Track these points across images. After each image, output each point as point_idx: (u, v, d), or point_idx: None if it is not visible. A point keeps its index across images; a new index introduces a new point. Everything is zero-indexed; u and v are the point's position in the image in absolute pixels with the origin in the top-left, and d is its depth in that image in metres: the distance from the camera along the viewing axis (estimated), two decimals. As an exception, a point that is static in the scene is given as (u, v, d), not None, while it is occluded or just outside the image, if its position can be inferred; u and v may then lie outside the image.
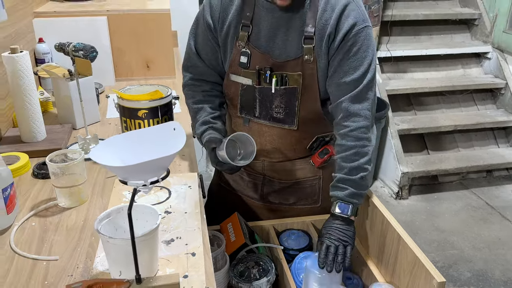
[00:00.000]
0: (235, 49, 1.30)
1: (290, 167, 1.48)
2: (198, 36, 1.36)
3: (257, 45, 1.28)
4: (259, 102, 1.34)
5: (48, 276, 0.91)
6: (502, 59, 3.58)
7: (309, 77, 1.27)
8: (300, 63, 1.26)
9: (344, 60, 1.23)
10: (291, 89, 1.29)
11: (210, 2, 1.31)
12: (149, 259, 0.88)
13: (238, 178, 1.56)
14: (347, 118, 1.25)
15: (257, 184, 1.53)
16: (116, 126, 1.62)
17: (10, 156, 1.30)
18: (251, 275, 1.25)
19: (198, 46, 1.37)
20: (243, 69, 1.31)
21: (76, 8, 2.05)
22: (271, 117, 1.36)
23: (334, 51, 1.23)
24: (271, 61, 1.28)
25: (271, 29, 1.26)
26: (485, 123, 3.42)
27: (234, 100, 1.39)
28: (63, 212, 1.12)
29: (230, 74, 1.35)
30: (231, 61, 1.32)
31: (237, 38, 1.29)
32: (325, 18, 1.21)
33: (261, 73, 1.29)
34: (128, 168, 0.75)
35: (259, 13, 1.26)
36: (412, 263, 1.10)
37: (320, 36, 1.22)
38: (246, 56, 1.28)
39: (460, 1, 3.91)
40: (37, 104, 1.41)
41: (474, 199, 3.20)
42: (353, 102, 1.24)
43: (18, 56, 1.31)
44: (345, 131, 1.25)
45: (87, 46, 1.51)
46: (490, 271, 2.51)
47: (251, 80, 1.32)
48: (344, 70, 1.23)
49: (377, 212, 1.27)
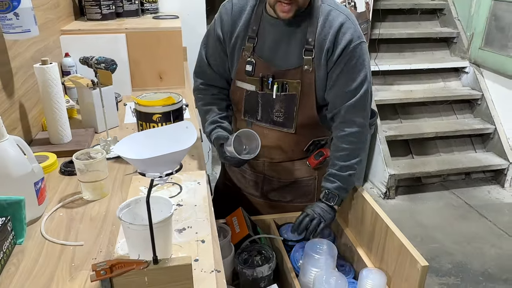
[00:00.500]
0: (241, 58, 1.33)
1: (288, 167, 1.49)
2: (209, 46, 1.39)
3: (261, 55, 1.31)
4: (261, 106, 1.36)
5: (75, 259, 0.92)
6: (478, 73, 3.60)
7: (307, 86, 1.29)
8: (300, 72, 1.28)
9: (342, 73, 1.25)
10: (290, 95, 1.31)
11: (221, 17, 1.34)
12: (164, 243, 0.89)
13: (241, 177, 1.57)
14: (344, 124, 1.29)
15: (258, 182, 1.54)
16: (133, 130, 1.63)
17: (40, 155, 1.31)
18: (254, 262, 1.27)
19: (208, 55, 1.39)
20: (248, 77, 1.33)
21: (98, 27, 2.07)
22: (271, 121, 1.38)
23: (333, 64, 1.25)
24: (273, 70, 1.30)
25: (275, 41, 1.29)
26: (464, 130, 3.43)
27: (239, 104, 1.41)
28: (87, 204, 1.13)
29: (236, 81, 1.37)
30: (238, 69, 1.35)
31: (244, 49, 1.32)
32: (324, 33, 1.23)
33: (264, 80, 1.31)
34: (146, 161, 0.77)
35: (264, 27, 1.29)
36: (398, 250, 1.11)
37: (319, 49, 1.24)
38: (251, 65, 1.31)
39: (440, 22, 3.94)
40: (64, 110, 1.43)
41: (454, 198, 3.20)
42: (349, 111, 1.27)
43: (48, 67, 1.33)
44: (341, 134, 1.30)
45: (108, 59, 1.53)
46: (469, 263, 2.51)
47: (254, 86, 1.34)
48: (342, 82, 1.26)
49: (367, 206, 1.28)
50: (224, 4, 1.36)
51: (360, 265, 1.31)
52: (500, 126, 3.44)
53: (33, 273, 0.88)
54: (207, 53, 1.40)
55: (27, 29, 1.24)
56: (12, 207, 0.96)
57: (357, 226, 1.37)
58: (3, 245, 0.90)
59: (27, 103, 1.48)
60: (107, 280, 0.76)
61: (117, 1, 2.28)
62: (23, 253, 0.94)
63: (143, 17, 2.44)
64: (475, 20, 3.58)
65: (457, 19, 3.78)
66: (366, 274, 1.18)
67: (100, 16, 2.19)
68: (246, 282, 1.25)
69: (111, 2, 2.23)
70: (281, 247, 1.37)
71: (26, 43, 1.51)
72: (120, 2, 2.30)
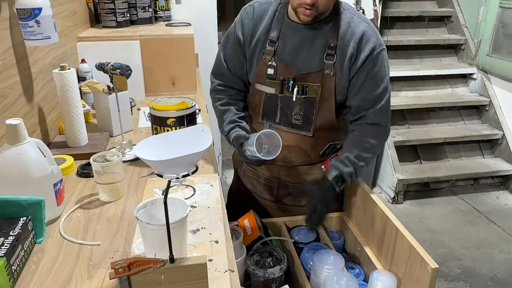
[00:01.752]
0: (262, 61, 1.33)
1: (303, 172, 1.49)
2: (227, 49, 1.40)
3: (281, 59, 1.31)
4: (280, 109, 1.36)
5: (93, 258, 0.94)
6: (486, 79, 3.58)
7: (328, 89, 1.30)
8: (321, 76, 1.29)
9: (367, 80, 1.28)
10: (310, 98, 1.32)
11: (242, 20, 1.35)
12: (180, 243, 0.90)
13: (256, 182, 1.57)
14: (369, 125, 1.32)
15: (273, 187, 1.54)
16: (147, 134, 1.65)
17: (58, 158, 1.34)
18: (266, 263, 1.27)
19: (227, 57, 1.41)
20: (268, 79, 1.34)
21: (114, 34, 2.11)
22: (290, 123, 1.37)
23: (356, 70, 1.27)
24: (294, 73, 1.30)
25: (296, 45, 1.30)
26: (472, 136, 3.41)
27: (258, 107, 1.41)
28: (104, 205, 1.15)
29: (256, 84, 1.37)
30: (257, 72, 1.35)
31: (264, 53, 1.32)
32: (346, 39, 1.26)
33: (284, 83, 1.32)
34: (164, 162, 0.79)
35: (286, 31, 1.30)
36: (408, 252, 1.10)
37: (342, 54, 1.27)
38: (273, 68, 1.31)
39: (448, 29, 3.93)
40: (81, 114, 1.46)
41: (463, 204, 3.18)
42: (375, 115, 1.31)
43: (66, 72, 1.36)
44: (365, 130, 1.33)
45: (123, 65, 1.56)
46: (477, 268, 2.49)
47: (274, 89, 1.34)
48: (367, 89, 1.28)
49: (377, 209, 1.28)
50: (245, 8, 1.37)
51: (370, 267, 1.30)
52: (508, 132, 3.41)
53: (53, 271, 0.90)
54: (225, 55, 1.41)
55: (48, 36, 1.27)
56: (32, 207, 0.98)
57: (367, 229, 1.37)
58: (24, 243, 0.92)
59: (46, 107, 1.51)
60: (125, 278, 0.78)
61: (131, 9, 2.32)
62: (43, 252, 0.96)
63: (157, 24, 2.47)
64: (482, 27, 3.57)
65: (465, 26, 3.77)
66: (376, 276, 1.18)
67: (115, 24, 2.23)
68: (258, 283, 1.25)
69: (126, 10, 2.26)
70: (292, 249, 1.37)
71: (45, 49, 1.54)
72: (134, 10, 2.34)
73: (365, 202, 1.37)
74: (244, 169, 1.60)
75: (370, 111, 1.31)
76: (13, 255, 0.86)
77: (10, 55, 1.24)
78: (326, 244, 1.41)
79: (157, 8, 2.54)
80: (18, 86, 1.29)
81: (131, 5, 2.31)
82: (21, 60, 1.32)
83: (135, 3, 2.32)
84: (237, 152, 1.60)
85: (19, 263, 0.88)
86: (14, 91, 1.26)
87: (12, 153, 0.98)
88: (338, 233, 1.51)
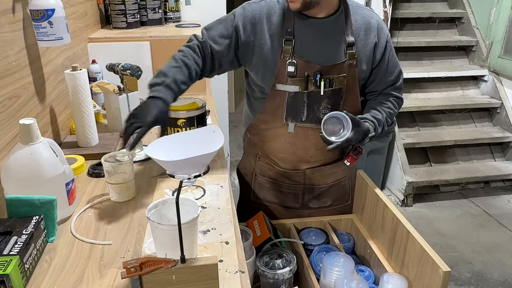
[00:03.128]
0: (281, 61, 1.30)
1: (326, 172, 1.50)
2: (214, 31, 1.33)
3: (301, 55, 1.30)
4: (306, 106, 1.34)
5: (104, 257, 0.94)
6: (497, 81, 3.55)
7: (352, 79, 1.33)
8: (345, 67, 1.31)
9: (389, 64, 1.38)
10: (337, 90, 1.33)
11: (244, 13, 1.31)
12: (190, 244, 0.90)
13: (277, 192, 1.54)
14: (389, 95, 1.43)
15: (298, 193, 1.53)
16: (156, 134, 1.66)
17: (69, 158, 1.35)
18: (275, 265, 1.27)
19: (210, 38, 1.32)
20: (290, 78, 1.31)
21: (124, 35, 2.12)
22: (317, 119, 1.35)
23: (381, 56, 1.35)
24: (317, 67, 1.30)
25: (313, 39, 1.30)
26: (483, 138, 3.38)
27: (279, 108, 1.36)
28: (115, 205, 1.16)
29: (277, 84, 1.33)
30: (277, 73, 1.32)
31: (282, 52, 1.30)
32: (364, 29, 1.32)
33: (309, 79, 1.31)
34: (176, 163, 0.79)
35: (299, 27, 1.30)
36: (419, 255, 1.10)
37: (363, 44, 1.32)
38: (293, 66, 1.30)
39: (459, 30, 3.90)
40: (92, 114, 1.47)
41: (473, 207, 3.15)
42: (394, 90, 1.43)
43: (78, 73, 1.37)
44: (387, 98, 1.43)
45: (133, 66, 1.57)
46: (488, 273, 2.46)
47: (298, 86, 1.32)
48: (390, 71, 1.39)
49: (387, 211, 1.28)
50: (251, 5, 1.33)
51: (380, 270, 1.30)
52: (520, 135, 3.38)
53: (65, 270, 0.91)
54: (209, 35, 1.32)
55: (60, 36, 1.28)
56: (44, 206, 0.99)
57: (377, 231, 1.36)
58: (37, 242, 0.93)
59: (57, 107, 1.52)
60: (136, 278, 0.78)
61: (141, 10, 2.34)
62: (54, 251, 0.97)
63: (166, 25, 2.49)
64: (494, 28, 3.54)
65: (476, 28, 3.74)
66: (387, 279, 1.17)
67: (125, 25, 2.25)
68: (267, 285, 1.25)
69: (136, 11, 2.28)
70: (301, 251, 1.37)
71: (57, 50, 1.56)
72: (144, 11, 2.36)
73: (375, 204, 1.36)
74: (260, 182, 1.56)
75: (389, 88, 1.42)
76: (26, 253, 0.87)
77: (24, 56, 1.26)
78: (336, 246, 1.41)
79: (167, 9, 2.55)
80: (31, 87, 1.30)
81: (141, 6, 2.33)
82: (34, 61, 1.33)
83: (145, 4, 2.34)
84: (243, 165, 1.59)
85: (32, 261, 0.89)
86: (27, 91, 1.27)
87: (25, 153, 0.99)
88: (348, 235, 1.51)
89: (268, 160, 1.51)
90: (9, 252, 0.84)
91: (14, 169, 0.99)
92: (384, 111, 1.39)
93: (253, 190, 1.58)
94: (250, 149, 1.56)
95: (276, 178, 1.52)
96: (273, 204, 1.56)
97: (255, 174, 1.56)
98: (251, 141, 1.53)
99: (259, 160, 1.53)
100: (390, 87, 1.42)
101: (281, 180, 1.51)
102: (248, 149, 1.57)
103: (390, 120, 1.41)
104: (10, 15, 1.19)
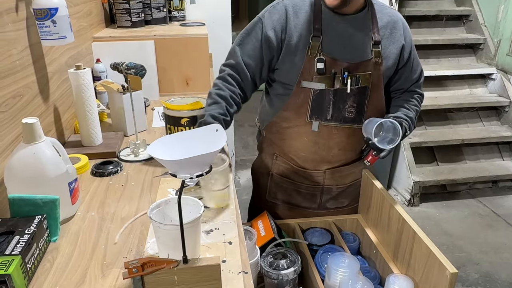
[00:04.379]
0: (307, 57, 1.28)
1: (345, 172, 1.48)
2: (247, 46, 1.31)
3: (329, 52, 1.29)
4: (332, 104, 1.32)
5: (106, 257, 0.94)
6: (505, 79, 3.51)
7: (377, 77, 1.32)
8: (371, 65, 1.31)
9: (414, 63, 1.41)
10: (363, 88, 1.32)
11: (271, 17, 1.30)
12: (193, 244, 0.90)
13: (294, 193, 1.52)
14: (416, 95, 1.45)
15: (316, 194, 1.51)
16: (161, 134, 1.66)
17: (72, 157, 1.34)
18: (280, 265, 1.26)
19: (244, 54, 1.31)
20: (316, 75, 1.29)
21: (128, 34, 2.12)
22: (342, 118, 1.34)
23: (408, 56, 1.36)
24: (345, 64, 1.29)
25: (341, 36, 1.30)
26: (490, 137, 3.34)
27: (303, 106, 1.34)
28: (117, 205, 1.15)
29: (302, 82, 1.31)
30: (303, 69, 1.30)
31: (309, 48, 1.28)
32: (389, 28, 1.34)
33: (336, 76, 1.29)
34: (179, 162, 0.78)
35: (327, 24, 1.29)
36: (426, 256, 1.08)
37: (389, 42, 1.33)
38: (322, 62, 1.28)
39: (466, 28, 3.86)
40: (96, 113, 1.47)
41: (481, 207, 3.11)
42: (417, 87, 1.46)
43: (82, 72, 1.37)
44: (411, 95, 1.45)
45: (137, 65, 1.57)
46: (496, 273, 2.43)
47: (324, 84, 1.30)
48: (414, 70, 1.42)
49: (394, 212, 1.26)
50: (275, 6, 1.32)
51: (386, 271, 1.28)
52: (528, 134, 3.34)
53: (67, 270, 0.90)
54: (243, 52, 1.32)
55: (64, 35, 1.28)
56: (47, 205, 0.98)
57: (383, 231, 1.35)
58: (39, 242, 0.92)
59: (61, 106, 1.52)
60: (138, 278, 0.78)
61: (146, 9, 2.34)
62: (57, 251, 0.96)
63: (171, 24, 2.48)
64: (502, 26, 3.50)
65: (484, 25, 3.70)
66: (393, 280, 1.16)
67: (130, 24, 2.25)
68: (271, 285, 1.24)
69: (140, 10, 2.28)
70: (306, 251, 1.36)
71: (61, 49, 1.56)
72: (149, 10, 2.35)
73: (381, 204, 1.35)
74: (277, 181, 1.53)
75: (413, 86, 1.44)
76: (28, 253, 0.86)
77: (27, 55, 1.26)
78: (341, 247, 1.39)
79: (171, 8, 2.55)
80: (35, 86, 1.30)
81: (146, 5, 2.33)
82: (38, 60, 1.33)
83: (149, 3, 2.34)
84: (259, 164, 1.57)
85: (34, 261, 0.89)
86: (31, 90, 1.27)
87: (28, 152, 0.99)
88: (353, 236, 1.49)
89: (287, 159, 1.48)
90: (11, 252, 0.84)
91: (17, 169, 0.99)
92: (412, 109, 1.41)
93: (269, 189, 1.55)
94: (267, 148, 1.53)
95: (294, 178, 1.50)
96: (289, 204, 1.54)
97: (272, 174, 1.53)
98: (269, 139, 1.50)
99: (277, 159, 1.50)
100: (414, 84, 1.44)
101: (299, 180, 1.49)
102: (265, 148, 1.54)
103: (417, 117, 1.43)
104: (14, 14, 1.19)
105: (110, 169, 1.32)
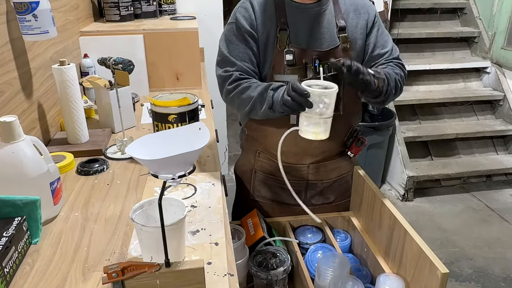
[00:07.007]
0: (276, 50, 1.28)
1: (330, 167, 1.46)
2: (234, 50, 1.30)
3: (297, 43, 1.28)
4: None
5: (89, 260, 0.91)
6: (500, 73, 3.49)
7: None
8: (340, 51, 1.29)
9: (378, 39, 1.34)
10: (336, 75, 1.28)
11: (242, 16, 1.29)
12: (177, 246, 0.87)
13: (279, 189, 1.50)
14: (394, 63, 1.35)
15: (301, 190, 1.48)
16: (149, 130, 1.63)
17: (57, 155, 1.32)
18: (269, 265, 1.24)
19: (237, 56, 1.29)
20: (287, 67, 1.28)
21: (117, 28, 2.08)
22: None
23: (371, 25, 1.34)
24: (315, 53, 1.28)
25: (307, 26, 1.29)
26: (485, 132, 3.33)
27: None
28: (102, 204, 1.12)
29: (274, 75, 1.30)
30: (274, 63, 1.29)
31: (278, 41, 1.27)
32: (352, 10, 1.32)
33: (308, 66, 1.28)
34: (158, 161, 0.75)
35: (292, 16, 1.28)
36: (417, 256, 1.06)
37: (354, 25, 1.31)
38: (291, 54, 1.27)
39: (461, 21, 3.84)
40: (81, 110, 1.43)
41: (475, 201, 3.11)
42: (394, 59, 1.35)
43: (66, 68, 1.34)
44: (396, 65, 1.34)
45: (125, 60, 1.53)
46: (490, 268, 2.43)
47: (297, 75, 1.28)
48: (382, 44, 1.34)
49: (385, 210, 1.24)
50: (241, 5, 1.32)
51: (377, 270, 1.26)
52: (523, 127, 3.33)
53: (47, 273, 0.88)
54: (233, 54, 1.29)
55: (46, 30, 1.24)
56: (27, 206, 0.95)
57: (374, 230, 1.33)
58: (18, 244, 0.89)
59: (46, 103, 1.49)
60: (118, 283, 0.75)
61: (135, 2, 2.29)
62: (38, 253, 0.94)
63: (161, 18, 2.44)
64: (497, 19, 3.48)
65: (478, 19, 3.67)
66: (383, 280, 1.14)
67: (118, 18, 2.20)
68: (261, 285, 1.22)
69: (130, 3, 2.23)
70: (296, 249, 1.34)
71: (45, 44, 1.52)
72: (138, 4, 2.31)
73: (372, 201, 1.32)
74: (261, 179, 1.51)
75: (388, 58, 1.35)
76: (6, 257, 0.84)
77: (7, 50, 1.22)
78: (332, 245, 1.37)
79: (161, 1, 2.50)
80: (16, 82, 1.27)
81: (135, -2, 2.28)
82: (20, 55, 1.29)
83: (139, -3, 2.29)
84: (242, 162, 1.54)
85: (12, 265, 0.86)
86: (12, 87, 1.24)
87: (7, 151, 0.96)
88: (345, 233, 1.47)
89: (269, 156, 1.47)
90: (-12, 256, 0.81)
91: (-5, 169, 0.96)
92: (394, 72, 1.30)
93: (253, 187, 1.53)
94: (249, 145, 1.51)
95: (278, 174, 1.47)
96: (274, 202, 1.52)
97: (255, 171, 1.51)
98: (250, 137, 1.49)
99: (259, 156, 1.49)
100: (389, 57, 1.35)
101: (286, 175, 1.47)
102: (247, 146, 1.53)
103: (401, 80, 1.31)
104: (-7, 8, 1.15)
105: (96, 167, 1.29)
